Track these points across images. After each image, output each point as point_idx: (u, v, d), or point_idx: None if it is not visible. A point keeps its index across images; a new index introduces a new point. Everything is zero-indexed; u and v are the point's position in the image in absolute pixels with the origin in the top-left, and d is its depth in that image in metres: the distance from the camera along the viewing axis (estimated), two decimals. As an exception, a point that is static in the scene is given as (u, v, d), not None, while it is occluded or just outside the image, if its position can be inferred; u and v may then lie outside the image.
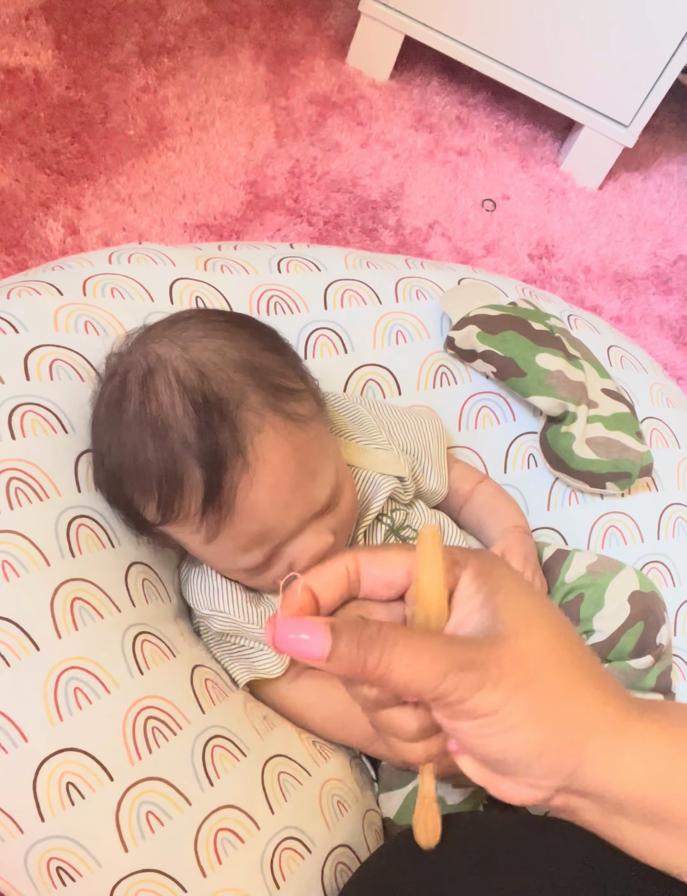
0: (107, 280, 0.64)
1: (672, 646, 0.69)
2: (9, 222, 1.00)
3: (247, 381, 0.52)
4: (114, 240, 1.03)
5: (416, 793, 0.62)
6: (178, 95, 1.20)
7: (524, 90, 1.26)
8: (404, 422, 0.69)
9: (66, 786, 0.46)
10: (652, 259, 1.26)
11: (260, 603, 0.59)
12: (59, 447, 0.56)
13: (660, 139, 1.44)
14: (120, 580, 0.55)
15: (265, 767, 0.53)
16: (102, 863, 0.46)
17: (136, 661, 0.51)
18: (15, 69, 1.14)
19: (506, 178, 1.28)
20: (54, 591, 0.50)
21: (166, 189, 1.10)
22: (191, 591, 0.60)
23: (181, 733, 0.51)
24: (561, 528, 0.74)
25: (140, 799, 0.47)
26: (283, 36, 1.33)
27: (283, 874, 0.50)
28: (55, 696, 0.47)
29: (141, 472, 0.52)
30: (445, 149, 1.28)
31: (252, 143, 1.19)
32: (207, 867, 0.47)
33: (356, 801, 0.58)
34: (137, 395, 0.52)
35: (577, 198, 1.30)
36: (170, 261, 0.67)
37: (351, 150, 1.23)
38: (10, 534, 0.50)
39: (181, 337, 0.54)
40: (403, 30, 1.26)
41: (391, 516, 0.65)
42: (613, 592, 0.66)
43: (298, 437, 0.53)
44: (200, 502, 0.51)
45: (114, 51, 1.22)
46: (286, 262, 0.70)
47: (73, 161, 1.08)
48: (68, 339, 0.60)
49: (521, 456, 0.73)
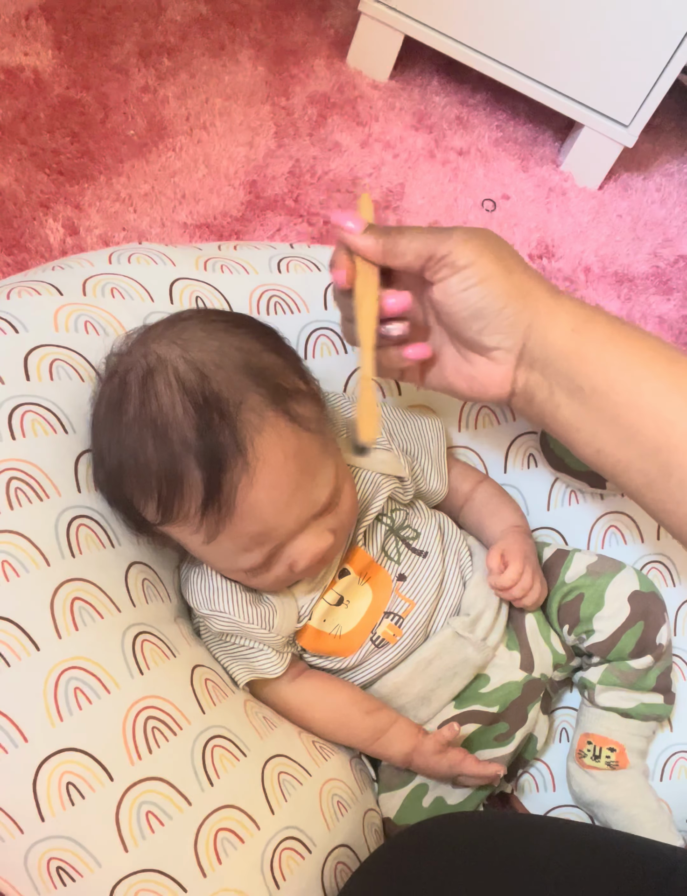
0: (107, 280, 0.64)
1: (672, 646, 0.69)
2: (9, 222, 1.00)
3: (247, 382, 0.52)
4: (114, 240, 1.03)
5: (416, 792, 0.63)
6: (178, 95, 1.20)
7: (524, 90, 1.26)
8: (404, 422, 0.69)
9: (66, 786, 0.46)
10: (652, 259, 1.26)
11: (260, 603, 0.59)
12: (59, 447, 0.56)
13: (660, 139, 1.44)
14: (120, 580, 0.55)
15: (265, 767, 0.53)
16: (102, 863, 0.46)
17: (136, 661, 0.51)
18: (15, 69, 1.14)
19: (506, 178, 1.28)
20: (54, 591, 0.50)
21: (166, 189, 1.10)
22: (191, 591, 0.60)
23: (181, 733, 0.51)
24: (561, 528, 0.74)
25: (140, 799, 0.47)
26: (283, 36, 1.33)
27: (283, 874, 0.50)
28: (55, 696, 0.47)
29: (141, 472, 0.52)
30: (445, 149, 1.28)
31: (252, 143, 1.19)
32: (207, 867, 0.47)
33: (356, 801, 0.58)
34: (137, 395, 0.52)
35: (577, 198, 1.30)
36: (170, 261, 0.67)
37: (351, 150, 1.23)
38: (10, 534, 0.50)
39: (181, 337, 0.54)
40: (403, 30, 1.25)
41: (391, 516, 0.65)
42: (613, 592, 0.66)
43: (298, 438, 0.53)
44: (200, 502, 0.51)
45: (114, 51, 1.22)
46: (286, 262, 0.70)
47: (73, 161, 1.08)
48: (68, 339, 0.60)
49: (521, 456, 0.73)
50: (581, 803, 0.67)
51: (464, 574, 0.66)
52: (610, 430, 0.51)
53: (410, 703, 0.63)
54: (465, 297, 0.52)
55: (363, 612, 0.61)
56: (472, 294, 0.51)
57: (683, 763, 0.67)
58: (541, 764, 0.70)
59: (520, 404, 0.55)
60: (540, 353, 0.52)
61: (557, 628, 0.68)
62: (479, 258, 0.51)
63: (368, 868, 0.50)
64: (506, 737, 0.64)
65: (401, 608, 0.62)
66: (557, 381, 0.52)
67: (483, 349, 0.54)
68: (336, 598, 0.61)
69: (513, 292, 0.51)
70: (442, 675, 0.62)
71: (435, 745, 0.59)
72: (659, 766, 0.67)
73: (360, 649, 0.61)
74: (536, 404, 0.54)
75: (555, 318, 0.51)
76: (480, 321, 0.52)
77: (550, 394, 0.52)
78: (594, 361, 0.50)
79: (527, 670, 0.65)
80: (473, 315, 0.52)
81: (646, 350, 0.51)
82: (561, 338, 0.51)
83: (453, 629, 0.62)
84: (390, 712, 0.62)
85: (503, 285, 0.51)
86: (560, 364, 0.51)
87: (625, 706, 0.66)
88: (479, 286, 0.51)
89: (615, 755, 0.65)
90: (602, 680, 0.66)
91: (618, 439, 0.51)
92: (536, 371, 0.52)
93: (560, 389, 0.52)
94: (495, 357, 0.54)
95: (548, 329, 0.51)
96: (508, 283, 0.51)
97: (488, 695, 0.64)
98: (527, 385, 0.53)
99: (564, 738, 0.71)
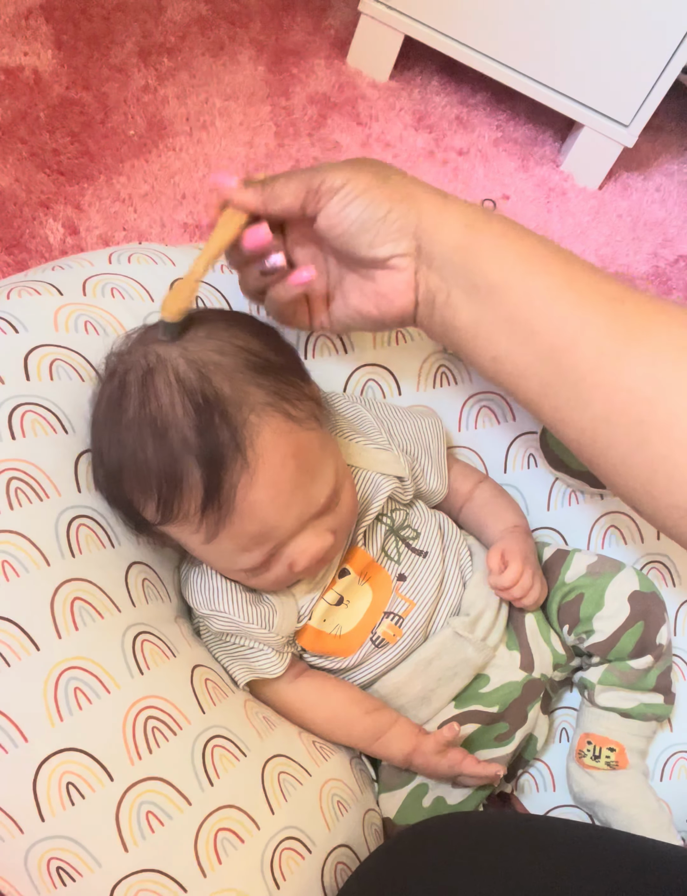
0: (107, 280, 0.64)
1: (672, 646, 0.69)
2: (9, 222, 1.00)
3: (247, 381, 0.52)
4: (114, 240, 1.03)
5: (416, 792, 0.63)
6: (178, 95, 1.20)
7: (524, 90, 1.26)
8: (404, 422, 0.68)
9: (66, 786, 0.46)
10: (652, 259, 1.26)
11: (260, 603, 0.59)
12: (59, 447, 0.56)
13: (660, 139, 1.44)
14: (120, 580, 0.55)
15: (265, 767, 0.53)
16: (102, 863, 0.46)
17: (136, 661, 0.51)
18: (15, 69, 1.14)
19: (506, 178, 1.28)
20: (54, 590, 0.50)
21: (166, 189, 1.10)
22: (191, 591, 0.60)
23: (181, 733, 0.51)
24: (561, 528, 0.74)
25: (140, 799, 0.47)
26: (283, 36, 1.33)
27: (283, 874, 0.50)
28: (55, 696, 0.47)
29: (140, 472, 0.52)
30: (445, 149, 1.28)
31: (252, 143, 1.19)
32: (207, 867, 0.47)
33: (356, 801, 0.58)
34: (137, 394, 0.52)
35: (577, 198, 1.30)
36: (170, 261, 0.67)
37: (351, 150, 1.23)
38: (10, 534, 0.50)
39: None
40: (403, 30, 1.25)
41: (391, 516, 0.65)
42: (613, 592, 0.66)
43: (298, 437, 0.53)
44: (200, 502, 0.51)
45: (114, 51, 1.22)
46: (286, 262, 0.70)
47: (73, 161, 1.08)
48: (68, 339, 0.60)
49: (521, 456, 0.73)
50: (581, 803, 0.67)
51: (464, 574, 0.66)
52: (506, 331, 0.50)
53: (410, 703, 0.63)
54: (347, 213, 0.52)
55: (363, 612, 0.61)
56: (353, 208, 0.52)
57: (683, 763, 0.67)
58: (541, 764, 0.70)
59: (424, 316, 0.55)
60: (435, 251, 0.52)
61: (557, 628, 0.68)
62: (354, 174, 0.52)
63: (367, 868, 0.50)
64: (506, 737, 0.64)
65: (401, 608, 0.62)
66: (454, 281, 0.52)
67: (380, 262, 0.54)
68: (336, 598, 0.61)
69: (394, 196, 0.51)
70: (442, 675, 0.62)
71: (435, 745, 0.59)
72: (659, 766, 0.67)
73: (360, 649, 0.61)
74: (437, 311, 0.54)
75: (445, 215, 0.51)
76: (367, 233, 0.52)
77: (447, 296, 0.52)
78: (489, 256, 0.50)
79: (527, 670, 0.65)
80: (359, 229, 0.52)
81: (540, 248, 0.50)
82: (454, 234, 0.51)
83: (453, 629, 0.62)
84: (390, 712, 0.62)
85: (383, 191, 0.51)
86: (456, 260, 0.51)
87: (625, 706, 0.66)
88: (358, 198, 0.51)
89: (615, 755, 0.65)
90: (602, 680, 0.66)
91: (514, 341, 0.50)
92: (434, 272, 0.52)
93: (457, 290, 0.52)
94: (394, 265, 0.53)
95: (439, 226, 0.51)
96: (387, 189, 0.52)
97: (488, 695, 0.64)
98: (428, 290, 0.53)
99: (564, 738, 0.71)
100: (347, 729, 0.61)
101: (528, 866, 0.44)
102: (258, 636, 0.58)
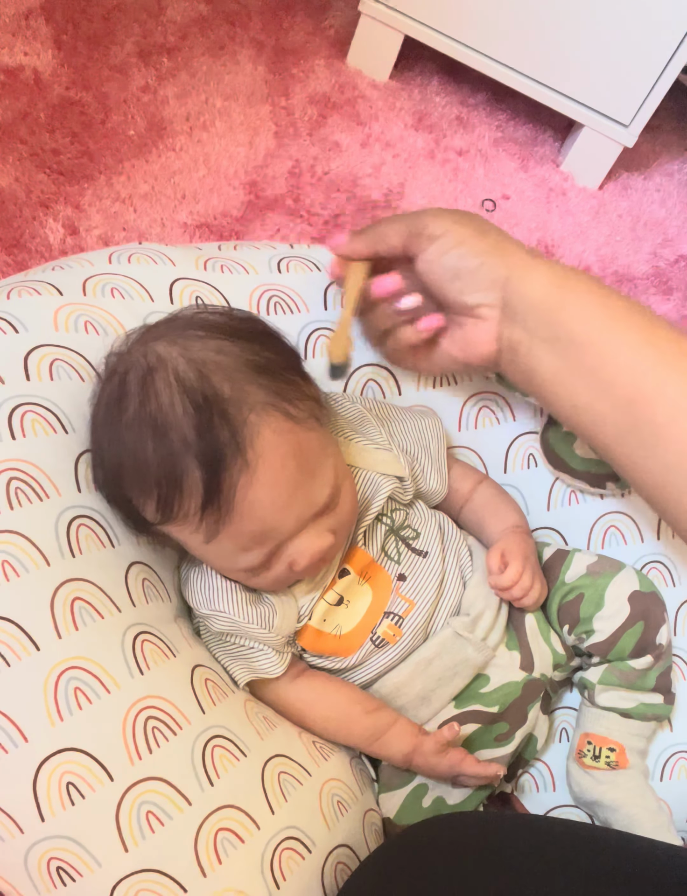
0: (107, 280, 0.64)
1: (672, 646, 0.68)
2: (9, 222, 1.00)
3: (247, 381, 0.52)
4: (114, 240, 1.03)
5: (416, 792, 0.63)
6: (178, 95, 1.20)
7: (524, 90, 1.26)
8: (404, 422, 0.69)
9: (66, 786, 0.46)
10: (652, 259, 1.26)
11: (260, 603, 0.59)
12: (59, 447, 0.56)
13: (660, 139, 1.44)
14: (120, 580, 0.55)
15: (265, 767, 0.53)
16: (102, 863, 0.46)
17: (137, 660, 0.51)
18: (15, 69, 1.14)
19: (506, 178, 1.28)
20: (54, 590, 0.50)
21: (166, 189, 1.10)
22: (191, 591, 0.60)
23: (181, 733, 0.51)
24: (561, 528, 0.74)
25: (140, 799, 0.47)
26: (283, 36, 1.33)
27: (283, 874, 0.50)
28: (55, 696, 0.47)
29: (140, 472, 0.52)
30: (445, 149, 1.28)
31: (252, 143, 1.19)
32: (207, 867, 0.47)
33: (356, 801, 0.58)
34: (137, 394, 0.52)
35: (577, 198, 1.30)
36: (170, 261, 0.67)
37: (351, 150, 1.23)
38: (10, 534, 0.50)
39: (181, 336, 0.54)
40: (403, 30, 1.25)
41: (391, 516, 0.65)
42: (613, 592, 0.66)
43: (298, 437, 0.53)
44: (200, 502, 0.51)
45: (114, 51, 1.22)
46: (286, 262, 0.70)
47: (73, 161, 1.08)
48: (68, 339, 0.60)
49: (521, 456, 0.73)
50: (581, 803, 0.67)
51: (464, 574, 0.66)
52: (587, 383, 0.53)
53: (410, 702, 0.63)
54: (444, 261, 0.56)
55: (363, 612, 0.61)
56: (449, 257, 0.56)
57: (683, 763, 0.67)
58: (541, 764, 0.70)
59: (506, 361, 0.59)
60: (520, 305, 0.55)
61: (557, 628, 0.68)
62: (453, 226, 0.56)
63: (367, 868, 0.50)
64: (506, 737, 0.64)
65: (401, 608, 0.62)
66: (538, 333, 0.55)
67: (468, 309, 0.58)
68: (336, 598, 0.61)
69: (488, 250, 0.56)
70: (442, 675, 0.62)
71: (435, 745, 0.59)
72: (659, 766, 0.67)
73: (360, 649, 0.61)
74: (520, 359, 0.57)
75: (532, 271, 0.55)
76: (459, 281, 0.57)
77: (530, 346, 0.56)
78: (573, 311, 0.54)
79: (527, 670, 0.65)
80: (452, 276, 0.57)
81: (622, 306, 0.54)
82: (540, 289, 0.55)
83: (453, 629, 0.62)
84: (390, 712, 0.62)
85: (478, 245, 0.56)
86: (540, 314, 0.54)
87: (625, 706, 0.66)
88: (455, 249, 0.56)
89: (615, 755, 0.65)
90: (602, 680, 0.66)
91: (594, 392, 0.53)
92: (518, 325, 0.56)
93: (540, 342, 0.55)
94: (480, 314, 0.57)
95: (526, 281, 0.55)
96: (482, 243, 0.56)
97: (488, 695, 0.64)
98: (511, 340, 0.57)
99: (564, 738, 0.71)
100: (346, 729, 0.61)
101: (527, 867, 0.44)
102: (258, 636, 0.58)
